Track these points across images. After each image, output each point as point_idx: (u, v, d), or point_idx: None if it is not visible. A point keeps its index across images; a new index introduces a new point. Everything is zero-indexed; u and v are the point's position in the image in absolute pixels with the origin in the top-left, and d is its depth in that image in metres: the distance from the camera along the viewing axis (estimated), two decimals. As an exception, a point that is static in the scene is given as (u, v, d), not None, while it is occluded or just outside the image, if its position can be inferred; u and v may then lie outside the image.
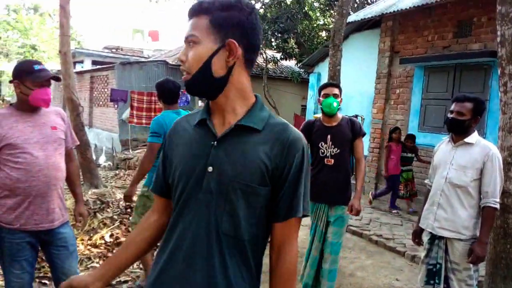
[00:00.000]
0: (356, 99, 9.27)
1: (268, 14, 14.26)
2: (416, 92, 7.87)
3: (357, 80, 9.11)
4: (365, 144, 8.78)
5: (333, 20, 14.42)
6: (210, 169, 1.17)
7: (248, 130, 1.19)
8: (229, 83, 1.20)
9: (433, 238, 2.91)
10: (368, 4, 13.81)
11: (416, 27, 7.85)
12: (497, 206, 2.74)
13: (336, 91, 3.46)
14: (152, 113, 10.26)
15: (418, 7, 7.27)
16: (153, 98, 10.20)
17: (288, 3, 14.62)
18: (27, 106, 2.38)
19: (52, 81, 2.45)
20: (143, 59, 16.97)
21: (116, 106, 11.79)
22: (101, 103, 15.68)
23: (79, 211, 2.76)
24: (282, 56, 14.56)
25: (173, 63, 14.17)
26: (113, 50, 21.55)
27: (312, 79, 11.17)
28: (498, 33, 3.63)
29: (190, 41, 1.18)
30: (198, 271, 1.16)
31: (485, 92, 6.72)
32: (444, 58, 7.16)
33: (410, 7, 7.37)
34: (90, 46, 27.43)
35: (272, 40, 14.49)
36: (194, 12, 1.19)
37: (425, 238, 3.01)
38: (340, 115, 3.52)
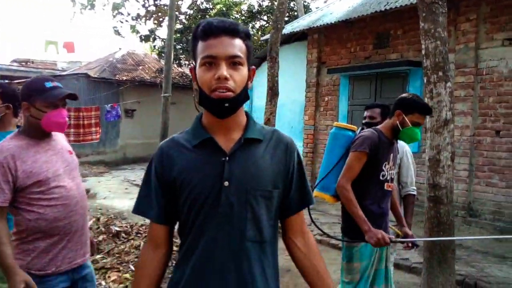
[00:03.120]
0: (288, 107, 9.71)
1: (193, 26, 14.29)
2: (343, 99, 8.48)
3: (289, 89, 9.55)
4: (299, 149, 9.23)
5: (256, 31, 14.92)
6: (226, 183, 1.24)
7: (252, 141, 1.30)
8: None
9: None
10: (291, 17, 14.49)
11: (340, 39, 8.48)
12: (416, 193, 3.25)
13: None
14: (81, 130, 9.75)
15: (341, 21, 7.87)
16: (81, 114, 9.70)
17: (212, 15, 14.81)
18: (40, 132, 2.01)
19: None
20: (58, 72, 15.97)
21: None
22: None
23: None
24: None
25: (95, 76, 13.57)
26: (23, 63, 19.94)
27: (242, 89, 11.40)
28: (423, 46, 4.08)
29: (237, 62, 1.22)
30: (230, 282, 1.25)
31: (404, 97, 7.44)
32: (366, 67, 7.83)
33: (333, 22, 7.96)
34: (-6, 59, 25.11)
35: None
36: (233, 32, 1.23)
37: None
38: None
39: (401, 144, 3.23)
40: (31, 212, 1.95)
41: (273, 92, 6.28)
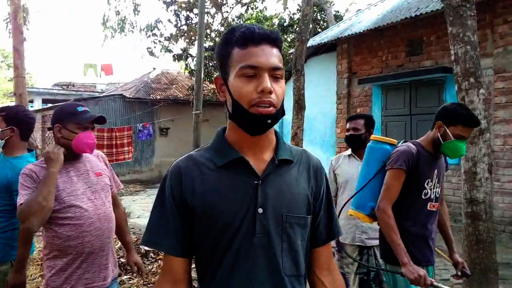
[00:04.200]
0: (319, 120, 9.51)
1: (224, 43, 14.47)
2: (376, 110, 8.18)
3: (318, 102, 9.36)
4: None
5: (288, 45, 14.89)
6: (260, 210, 1.10)
7: (284, 163, 1.16)
8: None
9: (362, 249, 3.05)
10: (321, 28, 14.36)
11: (370, 48, 8.23)
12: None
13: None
14: (113, 150, 9.99)
15: (371, 30, 7.65)
16: (113, 134, 9.96)
17: (243, 31, 14.92)
18: (67, 154, 2.09)
19: None
20: (97, 94, 16.61)
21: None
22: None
23: (133, 260, 2.48)
24: (242, 83, 14.73)
25: (130, 96, 13.97)
26: (64, 87, 20.95)
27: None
28: (452, 51, 3.86)
29: (279, 75, 1.08)
30: None
31: (440, 105, 7.06)
32: (399, 76, 7.53)
33: (363, 31, 7.74)
34: (40, 84, 26.60)
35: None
36: (274, 41, 1.10)
37: (350, 251, 3.06)
38: None
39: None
40: (49, 230, 2.05)
41: (299, 106, 6.13)
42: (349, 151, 3.24)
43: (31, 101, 18.82)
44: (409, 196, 2.37)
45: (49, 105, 16.14)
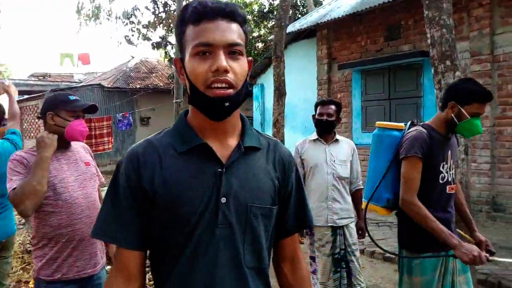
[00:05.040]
0: (301, 107, 9.53)
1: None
2: (356, 95, 8.24)
3: (299, 88, 9.37)
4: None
5: (268, 31, 14.81)
6: (223, 200, 1.03)
7: (250, 150, 1.10)
8: None
9: (334, 229, 3.14)
10: (301, 14, 14.32)
11: (349, 33, 8.25)
12: (362, 186, 3.20)
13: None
14: (93, 140, 9.83)
15: (349, 15, 7.66)
16: (92, 124, 9.79)
17: (223, 17, 14.77)
18: (58, 142, 2.11)
19: None
20: (74, 84, 16.25)
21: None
22: (32, 134, 14.77)
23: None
24: (222, 70, 14.63)
25: (109, 85, 13.72)
26: (40, 78, 20.42)
27: (255, 90, 11.32)
28: (428, 35, 3.89)
29: (237, 50, 1.00)
30: None
31: (418, 89, 7.18)
32: (377, 61, 7.58)
33: (341, 16, 7.74)
34: (15, 75, 25.85)
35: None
36: (231, 16, 1.01)
37: (324, 233, 3.14)
38: None
39: (349, 141, 3.36)
40: (40, 218, 2.06)
41: (280, 92, 6.14)
42: (314, 135, 3.28)
43: (6, 93, 18.31)
44: (428, 182, 2.26)
45: (26, 96, 15.72)
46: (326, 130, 3.21)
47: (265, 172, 1.11)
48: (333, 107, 3.20)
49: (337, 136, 3.27)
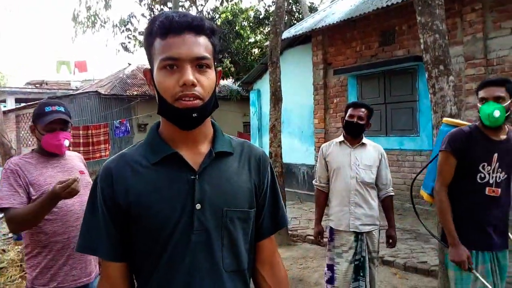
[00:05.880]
0: (297, 112, 9.59)
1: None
2: (352, 99, 8.28)
3: (296, 94, 9.42)
4: (311, 154, 9.16)
5: (264, 37, 14.89)
6: (198, 206, 1.05)
7: (222, 155, 1.13)
8: None
9: (357, 235, 3.07)
10: (297, 20, 14.41)
11: (344, 39, 8.33)
12: (393, 193, 3.19)
13: (500, 91, 2.31)
14: (90, 147, 9.83)
15: (344, 21, 7.73)
16: (89, 131, 9.80)
17: (219, 24, 14.86)
18: (48, 151, 2.15)
19: None
20: (71, 92, 16.26)
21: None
22: (29, 142, 14.75)
23: None
24: (219, 76, 14.70)
25: (106, 93, 13.73)
26: (37, 85, 20.43)
27: (252, 96, 11.37)
28: (421, 40, 3.95)
29: (204, 64, 1.03)
30: None
31: (413, 94, 7.23)
32: (372, 66, 7.65)
33: (336, 22, 7.82)
34: (12, 83, 25.85)
35: (207, 61, 14.61)
36: (198, 29, 1.03)
37: (347, 238, 3.07)
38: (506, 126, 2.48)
39: (376, 145, 3.23)
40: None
41: (276, 98, 6.17)
42: (340, 138, 3.20)
43: (4, 101, 18.32)
44: (464, 179, 2.36)
45: (22, 104, 15.72)
46: (354, 133, 3.11)
47: (239, 175, 1.13)
48: (364, 110, 3.11)
49: (364, 140, 3.16)
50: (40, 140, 2.14)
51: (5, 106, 17.81)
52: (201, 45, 1.02)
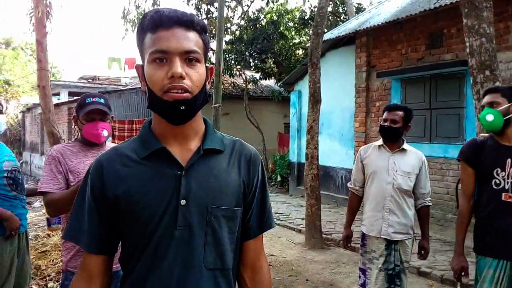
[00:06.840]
0: (337, 114, 9.45)
1: (245, 36, 14.52)
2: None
3: (337, 96, 9.29)
4: (350, 158, 8.99)
5: (308, 38, 14.77)
6: (183, 202, 1.06)
7: (212, 153, 1.14)
8: None
9: (389, 243, 2.98)
10: (342, 21, 14.20)
11: (390, 41, 8.11)
12: (431, 203, 3.11)
13: (494, 97, 2.40)
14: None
15: (389, 22, 7.53)
16: (134, 126, 10.15)
17: (264, 24, 14.91)
18: (88, 140, 2.26)
19: (28, 114, 2.40)
20: (121, 87, 16.92)
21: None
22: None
23: None
24: (261, 76, 14.76)
25: (153, 89, 14.17)
26: (90, 80, 21.44)
27: (293, 97, 11.33)
28: (467, 44, 3.79)
29: (193, 58, 1.04)
30: None
31: (460, 99, 6.92)
32: (418, 69, 7.39)
33: (382, 23, 7.63)
34: (66, 77, 27.28)
35: (250, 60, 14.71)
36: (187, 24, 1.05)
37: (378, 245, 3.00)
38: None
39: (418, 152, 3.08)
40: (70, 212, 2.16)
41: (314, 99, 6.12)
42: (380, 142, 3.10)
43: (58, 94, 19.39)
44: (482, 186, 2.41)
45: (75, 97, 16.56)
46: (389, 137, 3.00)
47: (228, 173, 1.14)
48: (399, 113, 2.97)
49: (405, 146, 3.03)
50: (81, 130, 2.25)
51: (58, 99, 18.85)
52: (191, 40, 1.05)
